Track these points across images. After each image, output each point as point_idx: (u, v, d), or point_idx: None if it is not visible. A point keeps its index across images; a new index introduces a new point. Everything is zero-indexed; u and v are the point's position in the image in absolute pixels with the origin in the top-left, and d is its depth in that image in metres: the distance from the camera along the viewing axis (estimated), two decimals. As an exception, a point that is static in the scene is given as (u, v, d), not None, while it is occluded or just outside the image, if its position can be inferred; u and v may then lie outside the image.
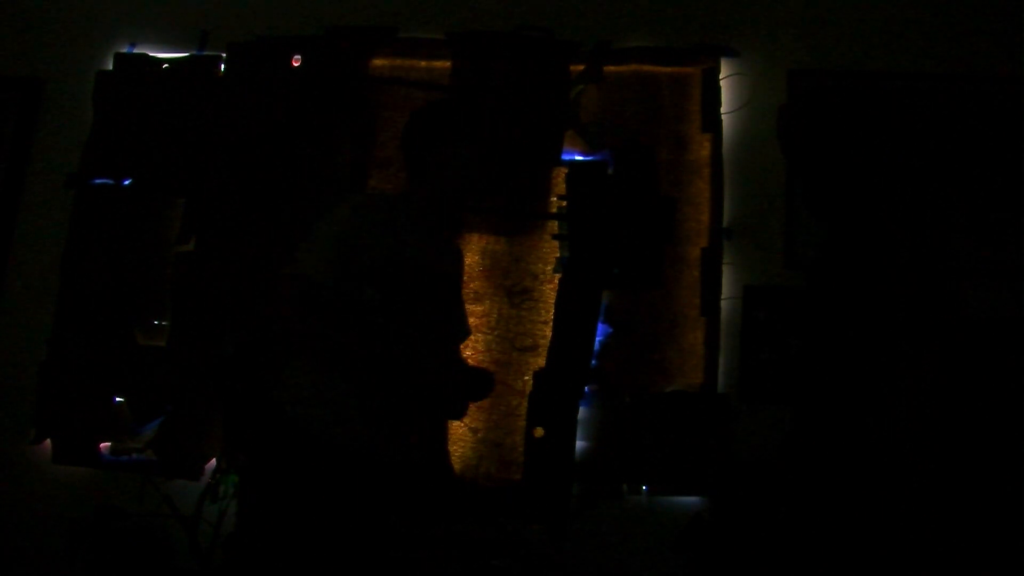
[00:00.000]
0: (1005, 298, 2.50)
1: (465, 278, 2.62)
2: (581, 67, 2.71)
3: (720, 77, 2.67)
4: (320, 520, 1.75)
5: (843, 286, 1.74)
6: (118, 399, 2.68)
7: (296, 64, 2.79)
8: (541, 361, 2.57)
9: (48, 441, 2.69)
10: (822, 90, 2.01)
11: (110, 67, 2.87)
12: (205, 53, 2.84)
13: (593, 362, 2.57)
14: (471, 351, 2.61)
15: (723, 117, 2.66)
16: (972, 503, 2.27)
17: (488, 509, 2.52)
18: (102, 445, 2.67)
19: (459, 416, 2.36)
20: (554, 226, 2.64)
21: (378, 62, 2.80)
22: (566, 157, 2.68)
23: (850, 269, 1.75)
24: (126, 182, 2.79)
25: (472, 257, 2.65)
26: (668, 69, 2.71)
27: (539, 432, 2.53)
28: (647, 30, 2.74)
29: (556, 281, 2.61)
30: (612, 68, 2.72)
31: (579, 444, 2.54)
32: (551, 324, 2.58)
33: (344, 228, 1.83)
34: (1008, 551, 2.21)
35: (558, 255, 2.62)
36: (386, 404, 1.85)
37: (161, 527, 2.47)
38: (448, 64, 2.75)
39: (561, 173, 2.66)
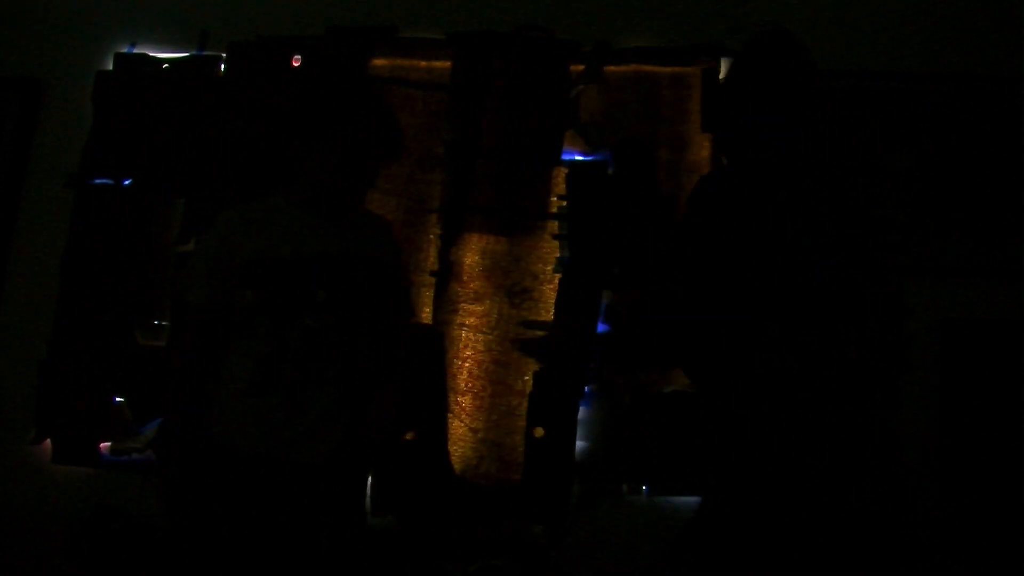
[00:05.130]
0: (1005, 298, 2.50)
1: (465, 278, 2.64)
2: (581, 67, 2.71)
3: (720, 77, 2.67)
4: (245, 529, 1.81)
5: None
6: (118, 399, 2.68)
7: (296, 64, 2.79)
8: (541, 361, 2.57)
9: (48, 441, 2.69)
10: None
11: (110, 67, 2.87)
12: (205, 53, 2.84)
13: (593, 362, 2.57)
14: (471, 351, 2.62)
15: (723, 117, 2.66)
16: (972, 503, 2.27)
17: (488, 509, 2.52)
18: (102, 445, 2.67)
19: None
20: (554, 226, 2.64)
21: (378, 62, 2.80)
22: (566, 157, 2.68)
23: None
24: (126, 182, 2.79)
25: (472, 257, 2.65)
26: (668, 69, 2.71)
27: (539, 432, 2.53)
28: (647, 30, 2.74)
29: (556, 281, 2.61)
30: (612, 68, 2.72)
31: (579, 444, 2.54)
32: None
33: (217, 241, 1.89)
34: (1008, 551, 2.21)
35: (558, 255, 2.62)
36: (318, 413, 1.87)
37: (161, 527, 2.47)
38: (448, 64, 2.76)
39: (561, 173, 2.66)
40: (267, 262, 1.85)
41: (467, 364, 2.61)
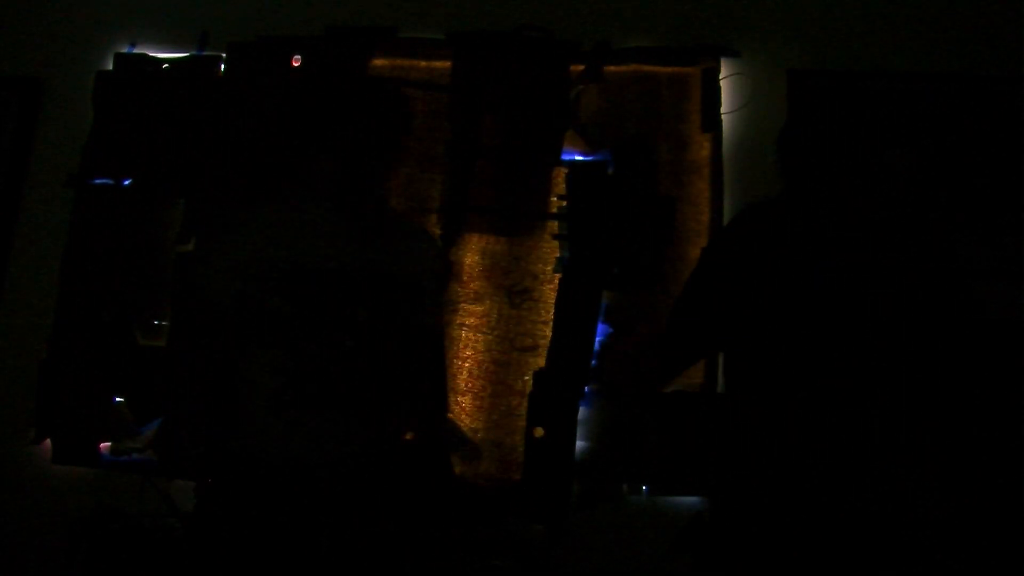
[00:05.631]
0: (1005, 298, 2.49)
1: (465, 278, 2.63)
2: (581, 67, 2.71)
3: (720, 77, 2.67)
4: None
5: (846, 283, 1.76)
6: (118, 399, 2.68)
7: (296, 64, 2.79)
8: (541, 361, 2.57)
9: (48, 441, 2.69)
10: (820, 101, 2.07)
11: (110, 67, 2.87)
12: (205, 53, 2.84)
13: (593, 362, 2.57)
14: (471, 351, 2.62)
15: (723, 117, 2.66)
16: (971, 504, 2.27)
17: (488, 509, 2.52)
18: (102, 445, 2.67)
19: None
20: (554, 226, 2.64)
21: (378, 62, 2.80)
22: (566, 157, 2.68)
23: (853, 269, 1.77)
24: (126, 182, 2.79)
25: (472, 257, 2.65)
26: (668, 69, 2.71)
27: (539, 432, 2.53)
28: (647, 30, 2.74)
29: (556, 281, 2.61)
30: (612, 68, 2.72)
31: (579, 444, 2.54)
32: (551, 324, 2.58)
33: (242, 239, 1.80)
34: (1008, 552, 2.21)
35: (558, 255, 2.62)
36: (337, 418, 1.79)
37: (161, 527, 2.47)
38: (448, 64, 2.76)
39: (561, 173, 2.66)
40: (305, 271, 1.75)
41: (467, 364, 2.61)
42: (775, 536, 1.74)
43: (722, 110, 2.66)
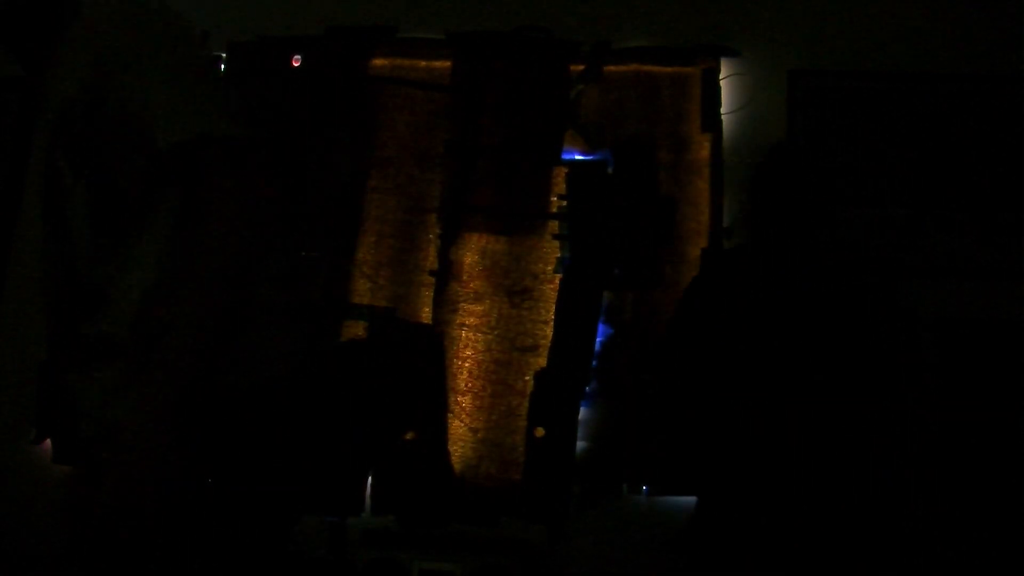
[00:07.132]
0: (1005, 298, 2.50)
1: (465, 278, 2.64)
2: (581, 67, 2.71)
3: (720, 77, 2.68)
4: None
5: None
6: (118, 399, 2.68)
7: (296, 64, 2.79)
8: (542, 361, 2.57)
9: (48, 441, 2.69)
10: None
11: (110, 67, 2.87)
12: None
13: (593, 362, 2.57)
14: (472, 351, 2.62)
15: (723, 117, 2.66)
16: (971, 501, 2.27)
17: (488, 509, 2.52)
18: (102, 445, 2.67)
19: None
20: (554, 226, 2.64)
21: (378, 62, 2.80)
22: (566, 157, 2.68)
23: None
24: (126, 182, 2.79)
25: (472, 257, 2.65)
26: (668, 69, 2.71)
27: (540, 432, 2.53)
28: (647, 30, 2.74)
29: (556, 281, 2.61)
30: (612, 68, 2.72)
31: (579, 444, 2.54)
32: (551, 324, 2.58)
33: None
34: (1008, 552, 2.21)
35: (558, 255, 2.62)
36: None
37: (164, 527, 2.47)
38: (448, 64, 2.76)
39: (561, 173, 2.66)
40: None
41: (467, 364, 2.61)
42: (776, 533, 1.74)
43: (722, 110, 2.66)
